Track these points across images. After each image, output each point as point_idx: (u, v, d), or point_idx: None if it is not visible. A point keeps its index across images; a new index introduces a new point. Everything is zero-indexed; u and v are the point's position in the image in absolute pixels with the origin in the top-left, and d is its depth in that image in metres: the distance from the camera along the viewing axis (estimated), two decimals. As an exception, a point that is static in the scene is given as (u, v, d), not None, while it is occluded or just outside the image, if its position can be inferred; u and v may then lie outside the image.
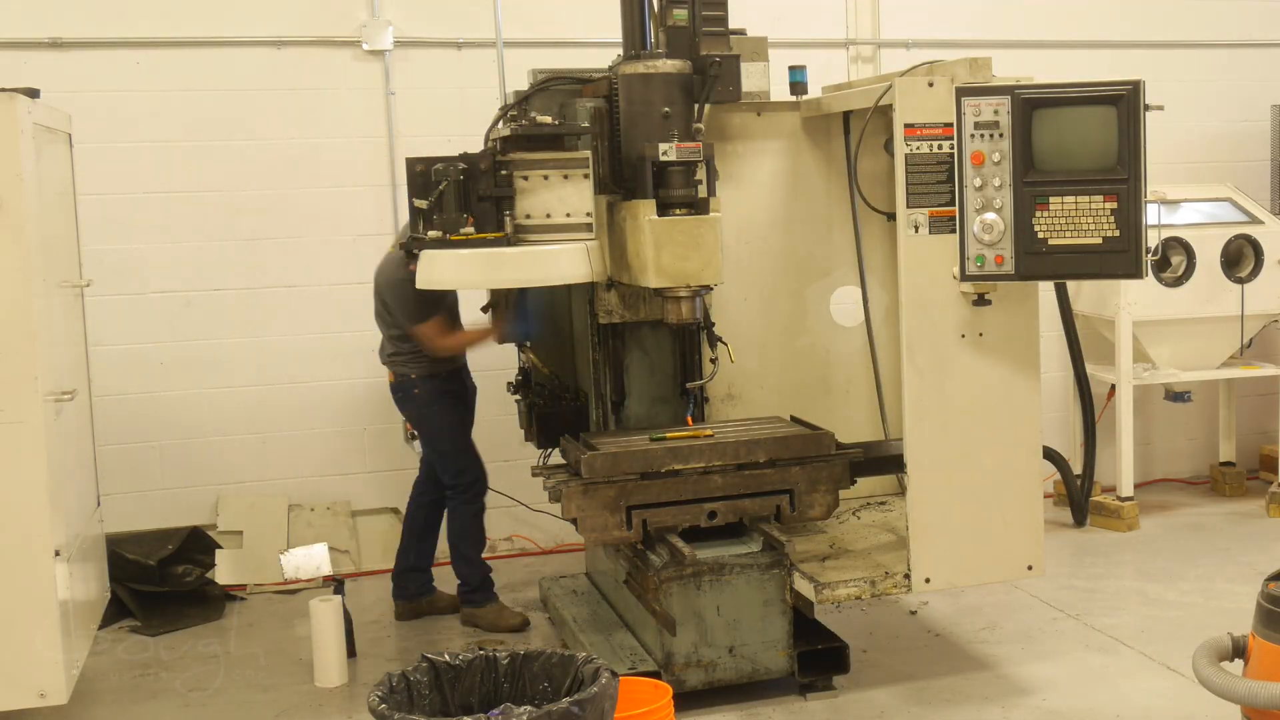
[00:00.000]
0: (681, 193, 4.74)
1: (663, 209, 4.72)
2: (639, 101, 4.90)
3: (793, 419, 5.30)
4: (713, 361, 5.20)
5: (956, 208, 4.53)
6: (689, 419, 5.28)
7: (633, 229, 4.83)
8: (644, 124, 4.86)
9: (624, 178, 4.95)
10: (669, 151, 4.68)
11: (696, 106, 4.92)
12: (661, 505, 4.84)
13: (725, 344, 5.17)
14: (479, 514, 5.99)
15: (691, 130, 4.90)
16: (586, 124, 5.10)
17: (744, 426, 5.18)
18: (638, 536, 4.82)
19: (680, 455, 4.87)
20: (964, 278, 4.56)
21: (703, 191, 4.81)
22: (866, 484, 5.54)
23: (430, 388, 5.86)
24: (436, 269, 4.90)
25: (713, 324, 5.24)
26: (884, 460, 5.27)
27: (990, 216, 4.48)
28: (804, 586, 4.80)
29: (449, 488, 5.94)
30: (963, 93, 4.48)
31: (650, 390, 5.35)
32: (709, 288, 4.93)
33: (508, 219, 4.85)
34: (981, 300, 4.61)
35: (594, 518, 4.78)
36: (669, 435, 4.99)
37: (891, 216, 4.98)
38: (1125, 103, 4.34)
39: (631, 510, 4.81)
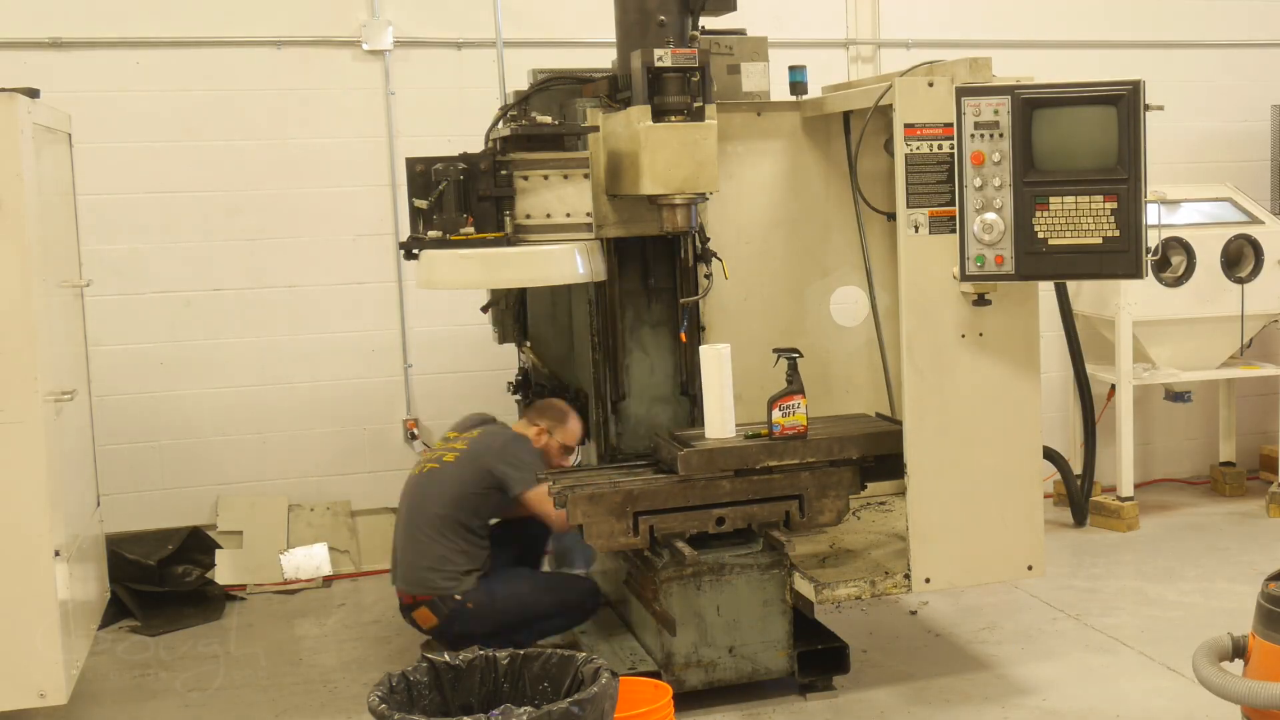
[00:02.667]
0: (676, 99, 4.70)
1: (658, 115, 4.69)
2: (634, 11, 4.93)
3: (878, 415, 5.33)
4: (706, 278, 5.16)
5: (956, 208, 4.53)
6: (682, 335, 5.23)
7: (627, 136, 4.82)
8: (639, 34, 4.89)
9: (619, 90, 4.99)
10: (664, 57, 4.65)
11: (691, 17, 4.96)
12: (669, 511, 4.80)
13: (720, 260, 5.15)
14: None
15: (686, 38, 4.90)
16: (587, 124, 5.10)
17: (833, 423, 5.15)
18: (645, 543, 4.78)
19: (775, 452, 4.83)
20: (964, 278, 4.56)
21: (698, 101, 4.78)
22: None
23: (475, 587, 5.17)
24: (436, 269, 4.90)
25: (708, 239, 5.21)
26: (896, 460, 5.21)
27: (990, 216, 4.48)
28: (804, 586, 4.80)
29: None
30: (963, 93, 4.48)
31: (650, 390, 5.35)
32: (704, 196, 4.92)
33: (508, 219, 4.85)
34: (981, 300, 4.61)
35: (600, 524, 4.74)
36: (763, 432, 4.92)
37: (891, 216, 4.98)
38: (1125, 103, 4.34)
39: (638, 516, 4.76)
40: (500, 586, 5.21)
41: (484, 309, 5.91)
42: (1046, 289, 6.61)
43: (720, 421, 4.94)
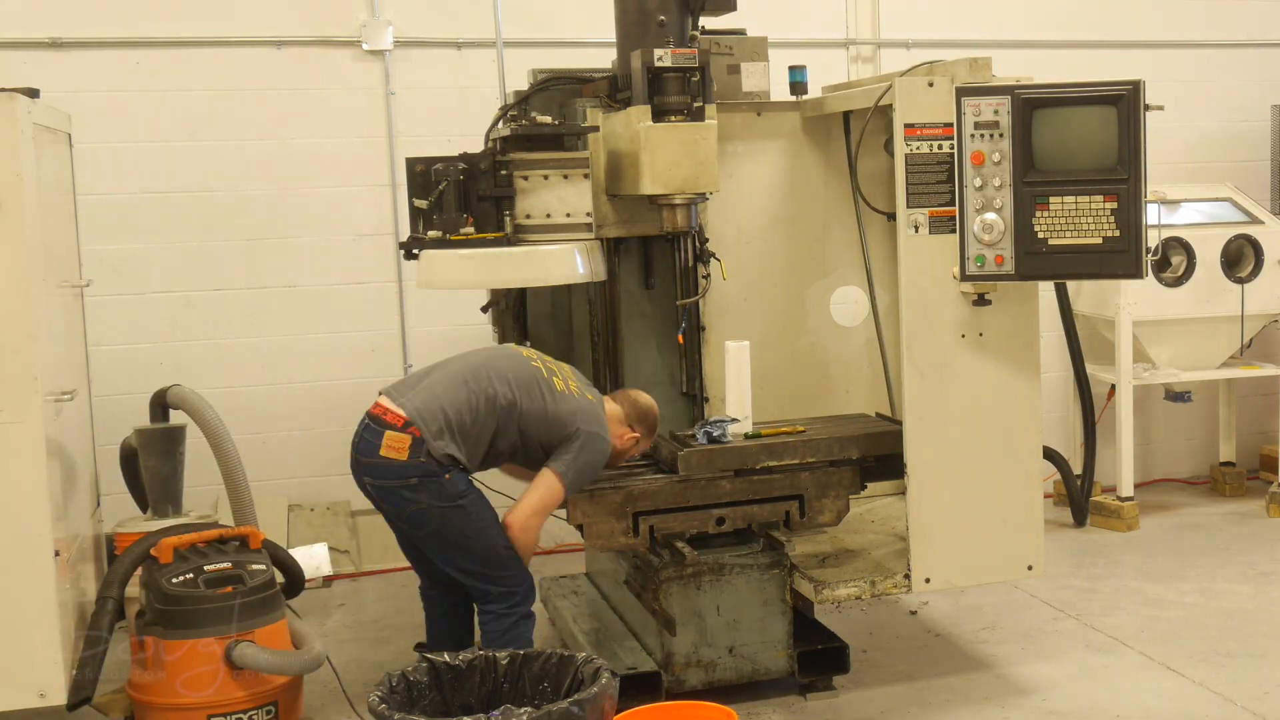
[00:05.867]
0: (676, 99, 4.72)
1: (658, 115, 4.71)
2: (634, 11, 4.96)
3: (878, 415, 5.33)
4: (705, 278, 5.18)
5: (956, 208, 4.54)
6: (679, 336, 5.25)
7: (627, 136, 4.83)
8: (639, 34, 4.92)
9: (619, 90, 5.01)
10: (664, 57, 4.67)
11: (691, 17, 4.99)
12: (669, 511, 4.80)
13: (719, 260, 5.16)
14: (531, 626, 4.70)
15: (686, 38, 4.92)
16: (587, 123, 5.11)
17: (833, 423, 5.16)
18: (645, 544, 4.79)
19: (774, 452, 4.84)
20: (964, 278, 4.56)
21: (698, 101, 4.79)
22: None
23: (463, 478, 4.53)
24: (436, 269, 4.90)
25: (706, 239, 5.22)
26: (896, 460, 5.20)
27: (990, 216, 4.48)
28: (804, 586, 4.80)
29: (494, 602, 4.59)
30: (963, 93, 4.48)
31: (650, 390, 5.33)
32: (704, 196, 4.93)
33: (508, 219, 4.85)
34: (981, 300, 4.61)
35: (600, 524, 4.74)
36: (763, 432, 4.94)
37: (891, 216, 4.98)
38: (1125, 103, 4.34)
39: (638, 516, 4.77)
40: (480, 508, 4.55)
41: (484, 309, 5.90)
42: (1046, 289, 6.61)
43: (741, 417, 4.98)
